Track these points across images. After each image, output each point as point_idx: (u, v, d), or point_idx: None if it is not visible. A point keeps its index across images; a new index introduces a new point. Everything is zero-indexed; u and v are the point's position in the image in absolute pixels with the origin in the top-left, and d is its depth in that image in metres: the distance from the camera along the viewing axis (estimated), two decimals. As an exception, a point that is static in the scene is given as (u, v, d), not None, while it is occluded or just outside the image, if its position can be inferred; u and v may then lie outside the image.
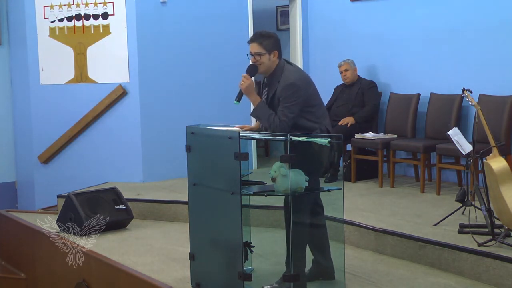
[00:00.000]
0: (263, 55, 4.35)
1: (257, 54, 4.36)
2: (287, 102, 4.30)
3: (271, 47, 4.37)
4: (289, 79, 4.34)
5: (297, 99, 4.31)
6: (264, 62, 4.37)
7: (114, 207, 6.22)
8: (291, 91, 4.30)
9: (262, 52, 4.35)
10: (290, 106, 4.30)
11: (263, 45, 4.35)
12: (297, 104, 4.31)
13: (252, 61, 4.40)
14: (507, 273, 4.39)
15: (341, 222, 4.57)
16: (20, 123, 8.29)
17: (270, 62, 4.38)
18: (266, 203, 5.22)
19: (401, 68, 7.57)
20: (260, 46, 4.35)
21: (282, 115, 4.30)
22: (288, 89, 4.31)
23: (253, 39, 4.40)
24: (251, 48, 4.39)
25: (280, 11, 9.37)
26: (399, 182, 7.11)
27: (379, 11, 7.78)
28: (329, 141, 4.16)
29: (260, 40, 4.36)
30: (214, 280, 4.36)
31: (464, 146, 5.23)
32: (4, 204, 8.05)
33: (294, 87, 4.31)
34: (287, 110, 4.30)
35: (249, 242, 4.50)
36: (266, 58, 4.36)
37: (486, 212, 4.81)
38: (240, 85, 4.36)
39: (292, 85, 4.32)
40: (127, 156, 7.64)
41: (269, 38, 4.38)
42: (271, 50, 4.36)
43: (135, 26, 7.49)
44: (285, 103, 4.31)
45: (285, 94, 4.31)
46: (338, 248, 4.50)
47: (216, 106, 7.92)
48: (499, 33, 6.62)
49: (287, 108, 4.30)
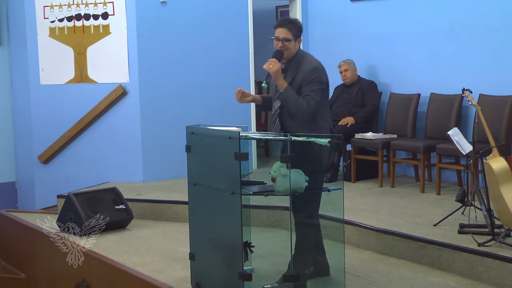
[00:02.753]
0: (290, 41, 4.38)
1: (286, 39, 4.38)
2: (313, 85, 4.32)
3: (298, 34, 4.43)
4: (313, 64, 4.39)
5: (321, 84, 4.37)
6: (290, 48, 4.40)
7: (114, 207, 6.22)
8: (316, 75, 4.35)
9: (290, 38, 4.38)
10: (316, 90, 4.33)
11: (292, 32, 4.39)
12: (321, 90, 4.37)
13: (279, 46, 4.39)
14: (507, 273, 4.39)
15: (341, 222, 4.57)
16: (20, 123, 8.29)
17: (294, 48, 4.42)
18: (266, 203, 5.23)
19: (401, 68, 7.57)
20: (289, 32, 4.39)
21: (309, 98, 4.30)
22: (314, 72, 4.35)
23: (282, 24, 4.42)
24: (279, 32, 4.40)
25: (280, 11, 9.37)
26: (399, 182, 7.11)
27: (379, 11, 7.78)
28: (329, 141, 4.16)
29: (289, 26, 4.40)
30: (214, 280, 4.36)
31: (464, 146, 5.23)
32: (4, 204, 8.05)
33: (319, 71, 4.37)
34: (313, 94, 4.31)
35: (249, 242, 4.50)
36: (292, 44, 4.40)
37: (486, 212, 4.81)
38: (268, 68, 4.32)
39: (317, 69, 4.37)
40: (127, 156, 7.64)
41: (296, 25, 4.44)
42: (297, 37, 4.42)
43: (135, 26, 7.49)
44: (311, 87, 4.32)
45: (311, 77, 4.33)
46: (338, 248, 4.50)
47: (216, 106, 7.92)
48: (499, 33, 6.62)
49: (313, 91, 4.31)
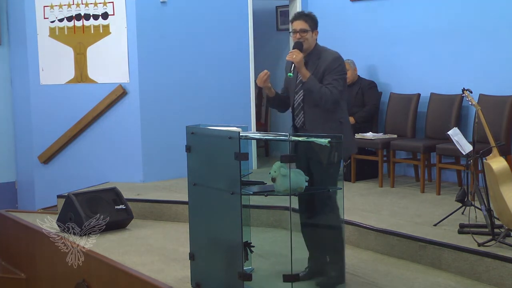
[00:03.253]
0: (307, 31, 4.46)
1: (303, 30, 4.46)
2: (336, 74, 4.42)
3: (314, 26, 4.51)
4: (335, 54, 4.49)
5: (344, 74, 4.47)
6: (308, 39, 4.47)
7: (114, 207, 6.22)
8: (338, 63, 4.45)
9: (307, 28, 4.46)
10: (339, 79, 4.42)
11: (308, 23, 4.48)
12: (343, 79, 4.47)
13: (297, 37, 4.47)
14: (507, 273, 4.39)
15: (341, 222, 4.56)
16: (20, 123, 8.29)
17: (312, 40, 4.50)
18: (266, 203, 5.23)
19: (401, 68, 7.57)
20: (305, 23, 4.47)
21: (332, 87, 4.38)
22: (336, 61, 4.45)
23: (298, 17, 4.51)
24: (296, 25, 4.49)
25: (280, 11, 9.37)
26: (399, 182, 7.11)
27: (379, 11, 7.78)
28: (329, 141, 4.17)
29: (306, 18, 4.49)
30: (214, 280, 4.36)
31: (464, 146, 5.23)
32: (4, 204, 8.05)
33: (341, 61, 4.48)
34: (336, 83, 4.40)
35: (249, 242, 4.50)
36: (309, 35, 4.48)
37: (486, 212, 4.81)
38: (292, 58, 4.37)
39: (339, 58, 4.48)
40: (127, 156, 7.64)
41: (312, 18, 4.52)
42: (313, 28, 4.50)
43: (135, 26, 7.49)
44: (334, 75, 4.41)
45: (333, 66, 4.42)
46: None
47: (216, 106, 7.92)
48: (499, 33, 6.62)
49: (336, 80, 4.40)
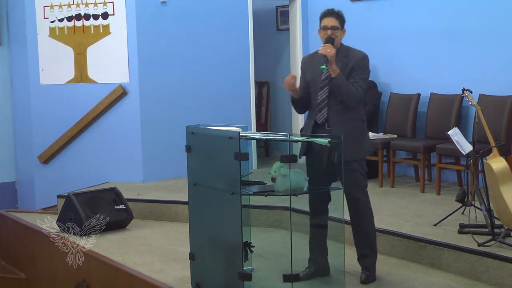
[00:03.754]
0: (338, 29, 4.50)
1: (334, 27, 4.49)
2: (363, 74, 4.48)
3: (343, 24, 4.55)
4: (363, 53, 4.54)
5: (368, 74, 4.54)
6: (338, 36, 4.50)
7: (114, 207, 6.22)
8: (365, 62, 4.50)
9: (338, 26, 4.50)
10: (365, 78, 4.50)
11: (339, 21, 4.51)
12: (367, 79, 4.53)
13: (328, 34, 4.49)
14: (507, 273, 4.40)
15: (341, 222, 4.57)
16: (20, 123, 8.29)
17: (340, 37, 4.54)
18: (266, 203, 5.23)
19: (401, 68, 7.57)
20: (337, 20, 4.51)
21: (358, 85, 4.43)
22: (364, 60, 4.50)
23: (329, 14, 4.54)
24: (327, 22, 4.51)
25: (280, 11, 9.37)
26: (399, 182, 7.11)
27: (379, 11, 7.78)
28: (329, 141, 4.17)
29: (336, 16, 4.53)
30: (214, 280, 4.36)
31: (464, 146, 5.23)
32: (4, 204, 8.05)
33: (368, 60, 4.52)
34: (362, 82, 4.46)
35: (249, 242, 4.50)
36: (339, 32, 4.51)
37: (486, 212, 4.81)
38: (326, 52, 4.36)
39: (367, 58, 4.53)
40: (127, 156, 7.64)
41: (342, 17, 4.56)
42: (343, 26, 4.54)
43: (135, 26, 7.49)
44: (361, 74, 4.46)
45: (361, 64, 4.48)
46: (338, 248, 4.50)
47: (216, 106, 7.92)
48: (499, 33, 6.62)
49: (362, 80, 4.46)
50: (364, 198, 4.54)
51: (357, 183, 4.47)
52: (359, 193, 4.50)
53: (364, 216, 4.55)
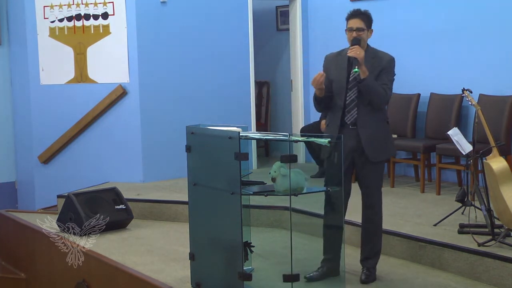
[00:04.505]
0: (363, 30, 4.48)
1: (360, 29, 4.47)
2: (391, 76, 4.51)
3: (370, 25, 4.53)
4: (390, 55, 4.55)
5: (394, 76, 4.55)
6: (363, 37, 4.49)
7: (114, 207, 6.22)
8: (393, 64, 4.53)
9: (363, 27, 4.48)
10: (392, 80, 4.52)
11: (365, 22, 4.50)
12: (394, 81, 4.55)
13: (354, 35, 4.48)
14: (507, 273, 4.39)
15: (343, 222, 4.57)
16: (20, 123, 8.28)
17: (367, 38, 4.53)
18: (266, 203, 5.23)
19: (401, 68, 7.50)
20: (362, 22, 4.49)
21: (386, 88, 4.45)
22: (392, 62, 4.53)
23: (355, 15, 4.51)
24: (353, 23, 4.49)
25: (280, 11, 9.37)
26: (399, 182, 7.11)
27: (379, 11, 7.75)
28: (329, 141, 4.17)
29: (362, 17, 4.51)
30: (214, 280, 4.36)
31: (464, 146, 5.23)
32: (4, 204, 8.05)
33: (395, 62, 4.53)
34: (390, 84, 4.50)
35: (249, 242, 4.50)
36: (365, 34, 4.50)
37: (486, 212, 4.81)
38: (356, 54, 4.36)
39: (394, 60, 4.54)
40: (127, 156, 7.64)
41: (368, 17, 4.54)
42: (369, 27, 4.52)
43: (135, 26, 7.49)
44: (389, 76, 4.49)
45: (389, 66, 4.49)
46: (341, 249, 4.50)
47: (216, 106, 7.92)
48: (499, 33, 6.62)
49: (391, 82, 4.50)
50: (380, 200, 4.59)
51: (378, 184, 4.55)
52: (377, 195, 4.56)
53: (376, 217, 4.59)
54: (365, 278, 4.53)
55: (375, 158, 4.43)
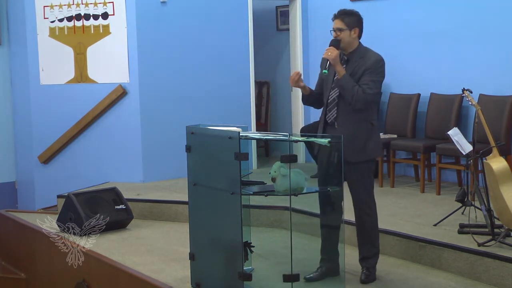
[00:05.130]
0: (343, 30, 4.48)
1: (338, 29, 4.49)
2: (375, 76, 4.42)
3: (352, 24, 4.50)
4: (378, 56, 4.50)
5: (382, 77, 4.48)
6: (344, 37, 4.48)
7: (114, 207, 6.22)
8: (380, 65, 4.45)
9: (343, 28, 4.49)
10: (376, 81, 4.43)
11: (345, 22, 4.49)
12: (381, 82, 4.48)
13: (334, 36, 4.51)
14: (507, 273, 4.40)
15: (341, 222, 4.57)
16: (20, 123, 8.28)
17: (350, 38, 4.50)
18: (266, 203, 5.23)
19: (401, 68, 7.57)
20: (342, 22, 4.50)
21: (367, 87, 4.38)
22: (378, 63, 4.45)
23: (336, 16, 4.54)
24: (334, 24, 4.53)
25: (280, 11, 9.37)
26: (399, 182, 7.11)
27: (379, 11, 7.78)
28: (329, 141, 4.17)
29: (342, 17, 4.51)
30: (214, 280, 4.36)
31: (464, 146, 5.23)
32: (4, 204, 8.05)
33: (383, 63, 4.48)
34: (372, 84, 4.40)
35: (249, 242, 4.50)
36: (346, 34, 4.49)
37: (486, 212, 4.81)
38: (327, 55, 4.42)
39: (381, 61, 4.48)
40: (127, 156, 7.64)
41: (351, 16, 4.52)
42: (352, 27, 4.50)
43: (135, 26, 7.49)
44: (372, 76, 4.41)
45: (374, 67, 4.43)
46: (338, 248, 4.50)
47: (216, 106, 7.92)
48: (499, 33, 6.62)
49: (373, 82, 4.41)
50: (368, 200, 4.54)
51: (361, 184, 4.48)
52: (362, 194, 4.51)
53: (367, 217, 4.55)
54: (364, 278, 4.53)
55: (352, 159, 4.36)
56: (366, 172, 4.50)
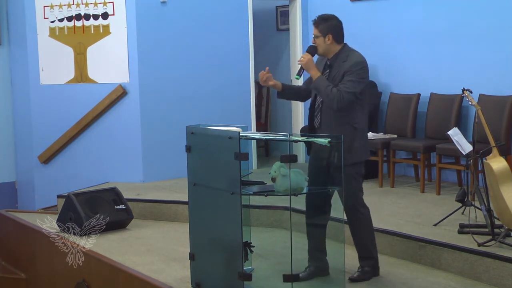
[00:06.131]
0: (318, 37, 4.53)
1: (315, 36, 4.55)
2: (353, 77, 4.41)
3: (326, 31, 4.51)
4: (359, 58, 4.49)
5: (363, 78, 4.45)
6: (319, 44, 4.53)
7: (114, 207, 6.22)
8: (359, 67, 4.43)
9: (318, 35, 4.53)
10: (355, 81, 4.40)
11: (319, 29, 4.53)
12: (361, 82, 4.44)
13: (312, 42, 4.58)
14: (507, 273, 4.40)
15: (341, 222, 4.57)
16: (20, 123, 8.28)
17: (325, 44, 4.52)
18: (266, 203, 5.23)
19: (401, 68, 7.57)
20: (316, 29, 4.55)
21: (343, 87, 4.39)
22: (358, 65, 4.43)
23: (313, 22, 4.60)
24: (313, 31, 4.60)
25: (280, 11, 9.37)
26: (399, 182, 7.11)
27: (379, 11, 7.78)
28: (329, 141, 4.17)
29: (317, 24, 4.56)
30: (214, 280, 4.36)
31: (464, 146, 5.23)
32: (4, 204, 8.05)
33: (363, 65, 4.46)
34: (350, 84, 4.39)
35: (249, 242, 4.50)
36: (321, 40, 4.52)
37: (486, 212, 4.81)
38: (300, 62, 4.52)
39: (362, 63, 4.46)
40: (127, 156, 7.64)
41: (325, 22, 4.55)
42: (325, 33, 4.51)
43: (135, 26, 7.49)
44: (350, 77, 4.40)
45: (353, 69, 4.42)
46: (338, 248, 4.50)
47: (216, 106, 7.92)
48: (499, 33, 6.62)
49: (351, 82, 4.40)
50: (356, 203, 4.51)
51: (349, 187, 4.39)
52: (352, 199, 4.47)
53: (356, 220, 4.54)
54: (356, 276, 4.52)
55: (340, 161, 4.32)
56: (352, 175, 4.44)
